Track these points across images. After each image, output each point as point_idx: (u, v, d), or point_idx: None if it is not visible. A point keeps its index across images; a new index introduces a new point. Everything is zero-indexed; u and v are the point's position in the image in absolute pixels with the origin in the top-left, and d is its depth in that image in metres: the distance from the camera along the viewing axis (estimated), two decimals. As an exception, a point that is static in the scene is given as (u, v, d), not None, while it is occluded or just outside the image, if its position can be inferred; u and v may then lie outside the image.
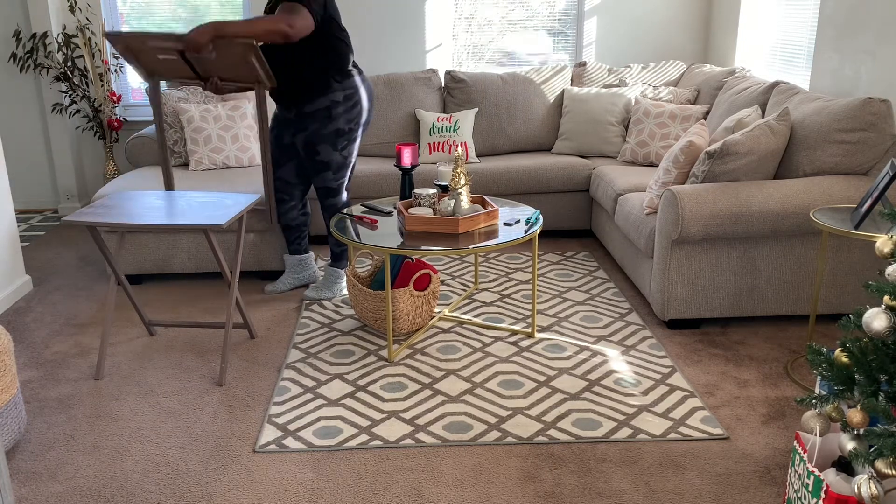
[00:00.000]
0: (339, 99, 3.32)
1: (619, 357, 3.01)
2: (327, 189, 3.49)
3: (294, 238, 3.73)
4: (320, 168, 3.43)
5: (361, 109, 3.41)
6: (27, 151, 5.30)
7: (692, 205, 3.02)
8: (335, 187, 3.49)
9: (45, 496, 2.22)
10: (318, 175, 3.46)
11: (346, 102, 3.33)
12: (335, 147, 3.39)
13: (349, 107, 3.35)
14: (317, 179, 3.48)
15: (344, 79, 3.32)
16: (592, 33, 5.23)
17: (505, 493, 2.19)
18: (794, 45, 4.26)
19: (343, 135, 3.39)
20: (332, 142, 3.38)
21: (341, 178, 3.49)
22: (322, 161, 3.41)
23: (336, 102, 3.32)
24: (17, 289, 3.76)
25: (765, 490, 2.19)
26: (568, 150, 4.72)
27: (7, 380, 2.35)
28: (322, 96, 3.30)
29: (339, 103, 3.32)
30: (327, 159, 3.41)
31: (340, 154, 3.42)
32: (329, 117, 3.33)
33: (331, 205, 3.53)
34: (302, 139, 3.40)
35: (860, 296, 3.20)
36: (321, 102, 3.30)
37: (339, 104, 3.32)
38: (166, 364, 3.03)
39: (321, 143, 3.37)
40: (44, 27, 4.91)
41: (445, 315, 3.43)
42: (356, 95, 3.36)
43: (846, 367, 1.80)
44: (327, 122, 3.34)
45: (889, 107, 3.13)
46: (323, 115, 3.33)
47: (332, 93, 3.30)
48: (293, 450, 2.41)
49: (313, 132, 3.36)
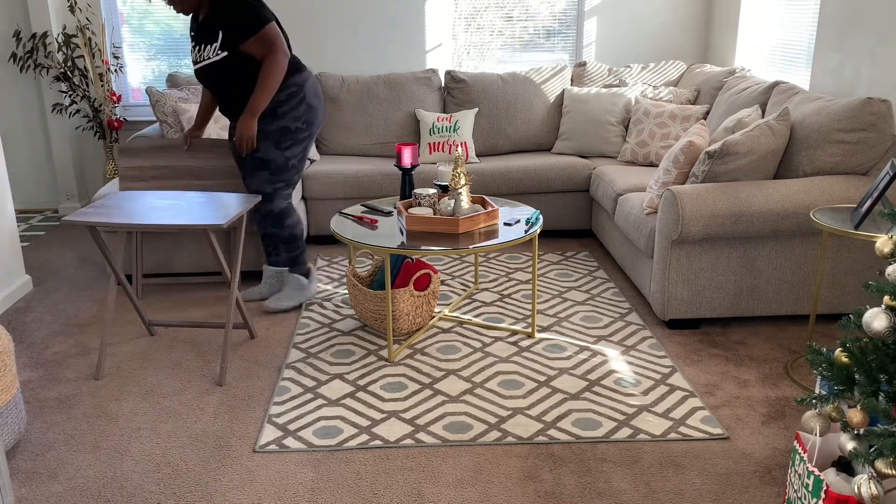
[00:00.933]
0: (283, 98, 3.25)
1: (619, 357, 3.01)
2: (260, 193, 3.32)
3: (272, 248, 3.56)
4: (257, 166, 3.29)
5: (308, 108, 3.32)
6: (27, 151, 5.30)
7: (692, 205, 3.02)
8: (269, 191, 3.33)
9: (45, 496, 2.22)
10: (254, 175, 3.30)
11: (290, 101, 3.26)
12: (278, 145, 3.28)
13: (294, 104, 3.27)
14: (250, 180, 3.32)
15: (286, 79, 3.26)
16: (592, 33, 5.23)
17: (505, 493, 2.19)
18: (794, 45, 4.26)
19: (289, 133, 3.29)
20: (276, 140, 3.27)
21: (278, 181, 3.34)
22: (261, 158, 3.28)
23: (280, 102, 3.25)
24: (17, 289, 3.76)
25: (765, 490, 2.19)
26: (568, 150, 4.72)
27: (7, 380, 2.35)
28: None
29: (282, 102, 3.25)
30: (267, 157, 3.28)
31: (283, 153, 3.30)
32: (274, 116, 3.25)
33: (268, 212, 3.37)
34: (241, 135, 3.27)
35: (860, 296, 3.20)
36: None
37: (284, 103, 3.25)
38: (166, 364, 3.03)
39: (263, 139, 3.26)
40: (44, 27, 4.91)
41: (445, 315, 3.43)
42: (300, 92, 3.28)
43: (846, 367, 1.80)
44: (272, 120, 3.26)
45: (889, 107, 3.13)
46: (268, 114, 3.25)
47: (276, 94, 3.24)
48: (293, 450, 2.41)
49: (257, 129, 3.26)
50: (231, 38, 3.15)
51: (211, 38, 3.19)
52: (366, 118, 4.80)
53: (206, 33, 3.21)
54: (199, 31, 3.23)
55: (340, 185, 4.37)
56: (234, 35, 3.15)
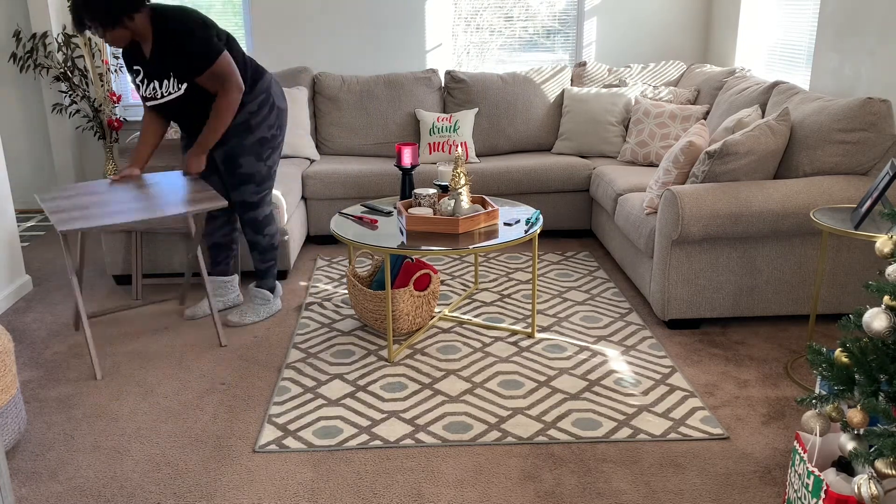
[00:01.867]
0: (255, 109, 3.15)
1: (619, 357, 3.01)
2: (246, 203, 3.27)
3: (223, 258, 3.49)
4: (243, 181, 3.22)
5: (279, 112, 3.25)
6: (27, 151, 5.30)
7: (692, 205, 3.02)
8: (255, 201, 3.28)
9: (45, 496, 2.22)
10: (239, 188, 3.23)
11: (261, 110, 3.16)
12: (259, 157, 3.21)
13: (266, 113, 3.18)
14: (236, 193, 3.25)
15: (252, 89, 3.15)
16: (592, 33, 5.23)
17: (505, 493, 2.19)
18: (794, 45, 4.26)
19: (267, 143, 3.21)
20: (257, 152, 3.19)
21: (264, 189, 3.29)
22: (245, 173, 3.21)
23: (252, 113, 3.15)
24: (17, 289, 3.76)
25: (765, 490, 2.19)
26: (568, 150, 4.72)
27: (7, 380, 2.35)
28: (239, 113, 3.14)
29: (255, 113, 3.15)
30: (251, 171, 3.21)
31: (265, 164, 3.23)
32: (249, 129, 3.16)
33: (251, 219, 3.30)
34: (222, 153, 3.19)
35: (860, 296, 3.20)
36: (238, 118, 3.14)
37: (256, 114, 3.15)
38: (166, 364, 3.03)
39: (244, 155, 3.18)
40: (44, 27, 4.91)
41: (445, 315, 3.43)
42: (270, 98, 3.19)
43: (846, 367, 1.80)
44: (247, 134, 3.16)
45: (889, 107, 3.13)
46: (242, 129, 3.15)
47: (246, 106, 3.14)
48: (293, 450, 2.41)
49: (234, 145, 3.16)
50: (184, 71, 2.99)
51: (164, 75, 3.01)
52: (366, 118, 4.80)
53: (157, 70, 3.02)
54: (150, 67, 3.03)
55: (340, 185, 4.37)
56: (186, 71, 2.99)
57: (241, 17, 5.20)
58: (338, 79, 4.85)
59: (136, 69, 3.07)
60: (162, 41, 2.96)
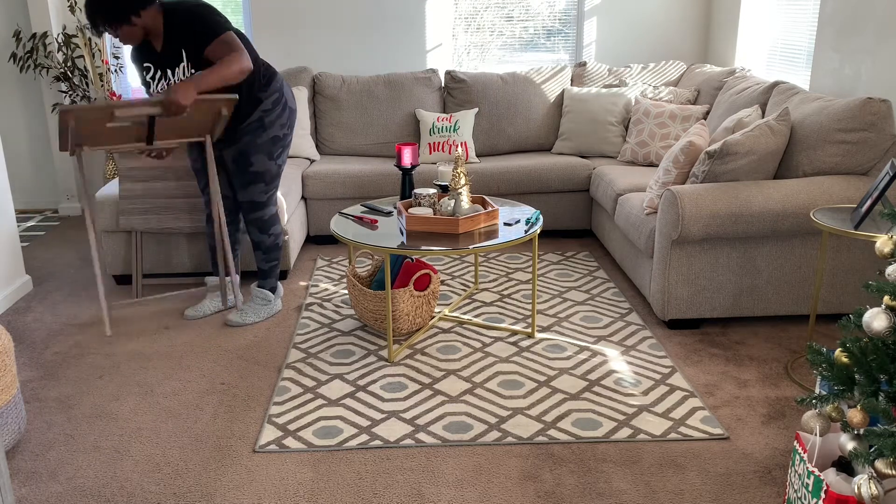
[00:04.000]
0: (269, 107, 3.18)
1: (619, 357, 3.01)
2: (254, 203, 3.29)
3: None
4: (252, 180, 3.24)
5: (290, 111, 3.27)
6: (27, 151, 5.30)
7: (692, 205, 3.02)
8: (263, 200, 3.30)
9: (45, 496, 2.22)
10: (248, 187, 3.25)
11: (275, 108, 3.20)
12: (271, 156, 3.23)
13: (279, 111, 3.21)
14: (244, 192, 3.26)
15: (267, 86, 3.18)
16: (592, 33, 5.23)
17: (505, 493, 2.19)
18: (794, 45, 4.26)
19: (279, 142, 3.24)
20: (269, 151, 3.22)
21: (272, 189, 3.31)
22: (256, 172, 3.23)
23: (267, 111, 3.18)
24: (17, 289, 3.76)
25: (765, 490, 2.19)
26: (568, 150, 4.72)
27: (7, 380, 2.35)
28: (253, 111, 3.17)
29: (269, 111, 3.18)
30: (262, 170, 3.23)
31: (276, 163, 3.26)
32: (262, 127, 3.19)
33: (257, 219, 3.32)
34: (234, 151, 3.21)
35: (860, 296, 3.20)
36: (253, 116, 3.17)
37: (270, 112, 3.18)
38: (166, 364, 3.03)
39: (256, 153, 3.20)
40: (44, 27, 4.91)
41: (445, 315, 3.43)
42: (282, 98, 3.22)
43: (846, 367, 1.80)
44: (261, 132, 3.19)
45: (889, 107, 3.13)
46: (256, 127, 3.18)
47: (261, 104, 3.17)
48: (293, 450, 2.41)
49: (247, 143, 3.19)
50: (194, 50, 3.02)
51: (177, 60, 3.04)
52: (366, 118, 4.80)
53: (169, 58, 3.05)
54: (162, 58, 3.06)
55: (340, 185, 4.37)
56: (195, 46, 3.01)
57: (241, 16, 5.20)
58: (338, 79, 4.85)
59: (147, 66, 3.10)
60: (172, 29, 3.02)
